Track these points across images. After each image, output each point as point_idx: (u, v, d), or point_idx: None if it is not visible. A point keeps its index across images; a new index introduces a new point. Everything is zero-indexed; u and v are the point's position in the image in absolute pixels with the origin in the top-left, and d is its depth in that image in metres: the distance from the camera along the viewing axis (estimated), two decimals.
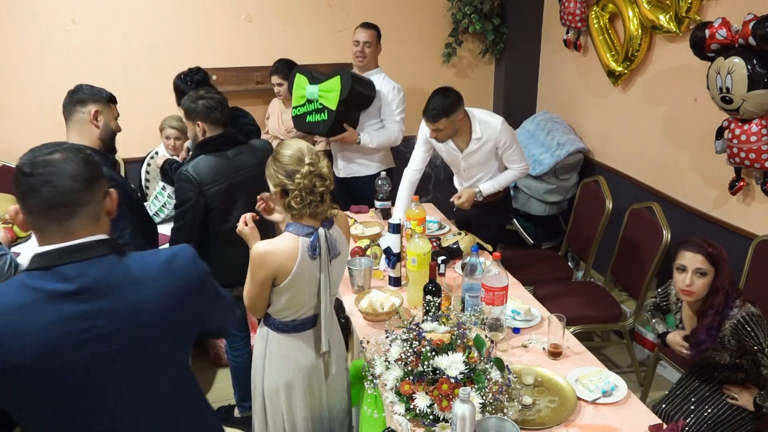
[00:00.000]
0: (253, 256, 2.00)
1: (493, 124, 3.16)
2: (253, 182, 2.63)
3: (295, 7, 4.47)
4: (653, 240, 3.21)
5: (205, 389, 3.38)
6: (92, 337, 1.28)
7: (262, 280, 2.01)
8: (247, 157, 2.73)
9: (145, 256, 1.41)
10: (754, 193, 3.13)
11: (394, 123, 3.78)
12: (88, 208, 1.33)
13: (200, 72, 3.27)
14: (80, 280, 1.28)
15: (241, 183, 2.69)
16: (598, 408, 2.00)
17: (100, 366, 1.30)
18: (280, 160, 2.01)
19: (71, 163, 1.31)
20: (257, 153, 2.78)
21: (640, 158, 3.96)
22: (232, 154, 2.69)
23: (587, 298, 3.42)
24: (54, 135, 2.45)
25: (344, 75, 3.59)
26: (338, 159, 3.92)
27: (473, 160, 3.26)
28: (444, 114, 2.98)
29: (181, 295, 1.39)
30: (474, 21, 4.63)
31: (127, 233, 2.34)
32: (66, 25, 4.11)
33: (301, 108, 3.77)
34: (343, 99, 3.57)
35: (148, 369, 1.37)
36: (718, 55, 2.89)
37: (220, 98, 2.70)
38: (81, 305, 1.27)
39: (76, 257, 1.30)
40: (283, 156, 2.01)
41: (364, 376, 2.11)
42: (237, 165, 2.69)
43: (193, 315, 1.45)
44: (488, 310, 2.31)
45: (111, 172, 2.36)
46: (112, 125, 2.44)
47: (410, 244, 2.55)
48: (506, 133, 3.18)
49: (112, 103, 2.45)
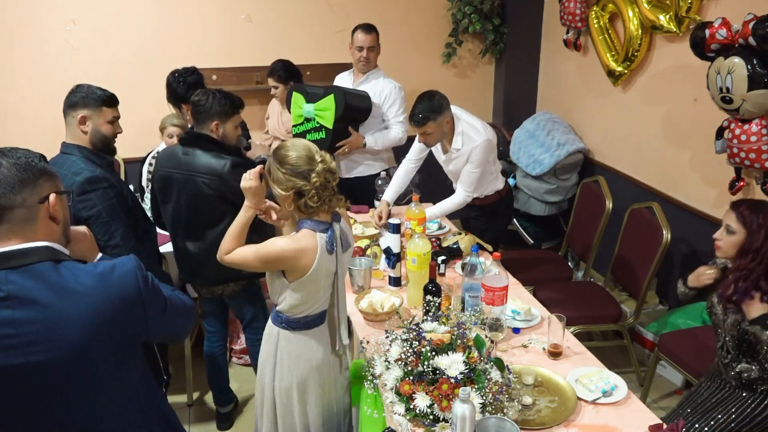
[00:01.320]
0: (279, 256, 1.99)
1: (476, 140, 3.07)
2: (184, 184, 2.68)
3: (294, 7, 4.47)
4: (653, 240, 3.21)
5: (205, 388, 3.38)
6: (15, 345, 1.27)
7: (271, 268, 2.06)
8: (193, 160, 2.68)
9: (84, 267, 1.38)
10: (754, 193, 3.13)
11: (397, 123, 3.78)
12: (17, 212, 1.31)
13: (195, 73, 3.26)
14: (7, 287, 1.28)
15: (177, 179, 2.71)
16: (598, 408, 2.00)
17: (23, 374, 1.29)
18: (290, 163, 1.98)
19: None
20: (199, 165, 2.67)
21: (640, 158, 3.96)
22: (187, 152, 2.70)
23: (587, 298, 3.42)
24: (54, 135, 2.47)
25: (337, 93, 3.62)
26: (341, 160, 3.92)
27: (452, 169, 3.25)
28: (430, 117, 2.96)
29: (116, 309, 1.35)
30: (474, 21, 4.63)
31: (118, 235, 2.34)
32: (66, 25, 4.12)
33: (300, 126, 3.82)
34: (339, 117, 3.61)
35: (76, 382, 1.34)
36: (718, 55, 2.88)
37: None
38: (5, 312, 1.27)
39: (5, 264, 1.29)
40: (291, 158, 1.98)
41: (364, 376, 2.11)
42: (181, 161, 2.71)
43: (130, 329, 1.41)
44: (488, 310, 2.31)
45: (105, 174, 2.35)
46: (102, 129, 2.40)
47: (410, 244, 2.55)
48: (481, 153, 3.08)
49: (107, 106, 2.40)
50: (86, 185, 2.29)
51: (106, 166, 2.42)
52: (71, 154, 2.36)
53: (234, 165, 2.62)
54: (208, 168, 2.62)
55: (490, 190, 3.32)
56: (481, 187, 3.26)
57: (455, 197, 3.22)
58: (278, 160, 2.00)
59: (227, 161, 2.62)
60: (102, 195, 2.31)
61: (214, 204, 2.66)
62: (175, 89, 3.23)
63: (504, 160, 4.62)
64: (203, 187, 2.63)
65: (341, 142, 3.73)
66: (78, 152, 2.36)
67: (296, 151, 2.00)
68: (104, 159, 2.43)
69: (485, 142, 3.08)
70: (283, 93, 3.91)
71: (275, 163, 2.01)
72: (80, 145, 2.38)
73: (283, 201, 2.04)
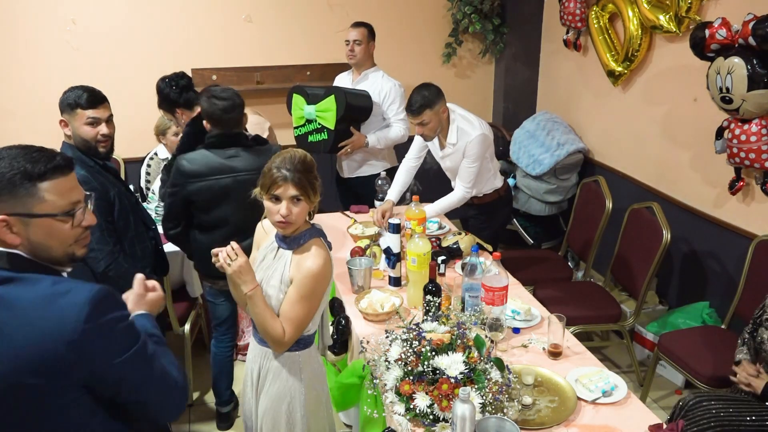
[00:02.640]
0: (317, 274, 1.93)
1: (471, 134, 3.09)
2: (241, 186, 2.59)
3: (294, 7, 4.47)
4: (653, 240, 3.21)
5: (204, 388, 3.38)
6: None
7: (323, 294, 2.00)
8: (243, 160, 2.70)
9: (30, 284, 1.27)
10: (754, 193, 3.13)
11: (399, 121, 3.78)
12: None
13: (185, 77, 3.23)
14: None
15: (229, 185, 2.67)
16: (598, 408, 2.00)
17: None
18: (311, 164, 1.94)
19: None
20: (259, 157, 2.68)
21: (640, 158, 3.96)
22: (228, 155, 2.69)
23: (587, 298, 3.42)
24: (54, 135, 2.47)
25: (338, 93, 3.63)
26: (342, 160, 3.92)
27: (449, 165, 3.27)
28: (427, 105, 2.99)
29: (49, 343, 1.21)
30: (474, 21, 4.63)
31: (94, 239, 2.28)
32: (66, 25, 4.12)
33: (302, 128, 3.83)
34: (341, 117, 3.62)
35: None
36: (718, 55, 2.88)
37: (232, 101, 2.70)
38: None
39: None
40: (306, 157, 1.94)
41: (364, 375, 2.11)
42: (229, 166, 2.69)
43: (72, 371, 1.24)
44: (488, 310, 2.31)
45: (89, 176, 2.32)
46: (80, 132, 2.36)
47: (410, 244, 2.55)
48: (476, 146, 3.09)
49: (81, 108, 2.34)
50: None
51: (100, 167, 2.40)
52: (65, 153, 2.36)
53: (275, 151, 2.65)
54: (254, 166, 2.62)
55: (488, 189, 3.33)
56: (480, 184, 3.26)
57: (454, 194, 3.23)
58: (309, 168, 1.92)
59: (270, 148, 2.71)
60: None
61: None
62: (167, 94, 3.18)
63: (504, 160, 4.62)
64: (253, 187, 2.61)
65: (344, 142, 3.73)
66: (71, 152, 2.35)
67: (298, 152, 1.95)
68: (85, 163, 2.38)
69: (480, 136, 3.09)
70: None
71: (308, 174, 1.91)
72: (74, 146, 2.38)
73: (306, 211, 1.95)
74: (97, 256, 2.34)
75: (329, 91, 3.68)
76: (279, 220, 1.90)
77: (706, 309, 3.39)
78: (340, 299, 2.65)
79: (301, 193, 1.89)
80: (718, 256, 3.41)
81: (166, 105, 3.24)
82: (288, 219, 1.89)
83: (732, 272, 3.29)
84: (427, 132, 3.08)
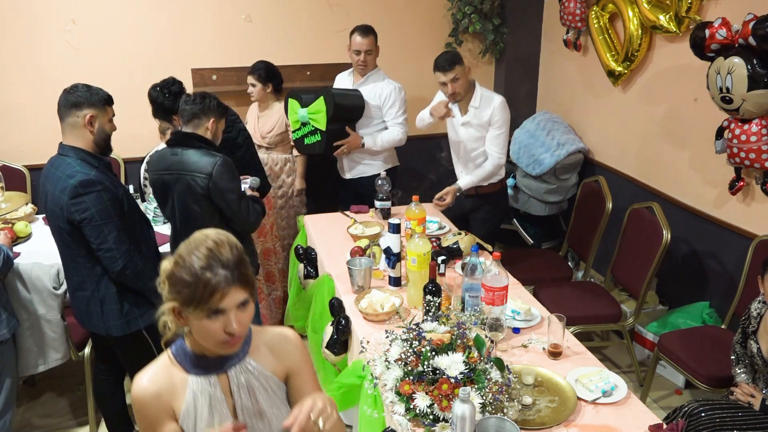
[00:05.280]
0: (299, 343, 1.62)
1: (494, 99, 3.31)
2: (175, 184, 2.70)
3: (295, 7, 4.46)
4: (653, 240, 3.21)
5: None
6: None
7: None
8: (183, 159, 2.69)
9: None
10: (754, 193, 3.13)
11: (396, 125, 3.78)
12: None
13: (176, 83, 3.22)
14: None
15: (168, 181, 2.72)
16: (598, 408, 2.00)
17: None
18: (234, 242, 1.45)
19: None
20: (193, 163, 2.66)
21: (640, 158, 3.96)
22: (176, 152, 2.72)
23: (587, 298, 3.42)
24: (54, 135, 2.46)
25: (326, 94, 3.64)
26: (344, 160, 3.92)
27: (469, 134, 3.37)
28: (457, 62, 3.19)
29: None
30: (474, 21, 4.63)
31: (111, 239, 2.32)
32: (66, 25, 4.11)
33: (298, 131, 3.85)
34: (331, 117, 3.64)
35: None
36: (718, 55, 2.88)
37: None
38: None
39: None
40: (227, 239, 1.45)
41: (364, 375, 2.11)
42: (170, 162, 2.71)
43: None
44: (488, 310, 2.31)
45: (99, 176, 2.33)
46: (106, 128, 2.41)
47: (410, 244, 2.55)
48: (502, 112, 3.31)
49: (108, 105, 2.41)
50: (79, 188, 2.28)
51: (104, 168, 2.40)
52: (67, 155, 2.35)
53: (225, 163, 2.65)
54: (197, 166, 2.64)
55: (497, 178, 3.47)
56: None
57: (488, 163, 3.39)
58: (239, 251, 1.44)
59: (218, 158, 2.65)
60: (95, 198, 2.29)
61: (205, 203, 2.66)
62: (161, 103, 3.16)
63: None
64: (194, 186, 2.63)
65: (339, 141, 3.73)
66: (74, 154, 2.35)
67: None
68: (101, 161, 2.40)
69: (503, 101, 3.32)
70: (259, 93, 3.90)
71: (243, 260, 1.43)
72: (77, 147, 2.36)
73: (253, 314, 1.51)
74: (114, 256, 2.35)
75: (318, 92, 3.70)
76: (226, 340, 1.40)
77: (706, 309, 3.39)
78: (340, 299, 2.66)
79: (249, 293, 1.42)
80: (718, 256, 3.41)
81: (162, 113, 3.22)
82: (240, 333, 1.41)
83: (732, 272, 3.29)
84: (458, 89, 3.23)
